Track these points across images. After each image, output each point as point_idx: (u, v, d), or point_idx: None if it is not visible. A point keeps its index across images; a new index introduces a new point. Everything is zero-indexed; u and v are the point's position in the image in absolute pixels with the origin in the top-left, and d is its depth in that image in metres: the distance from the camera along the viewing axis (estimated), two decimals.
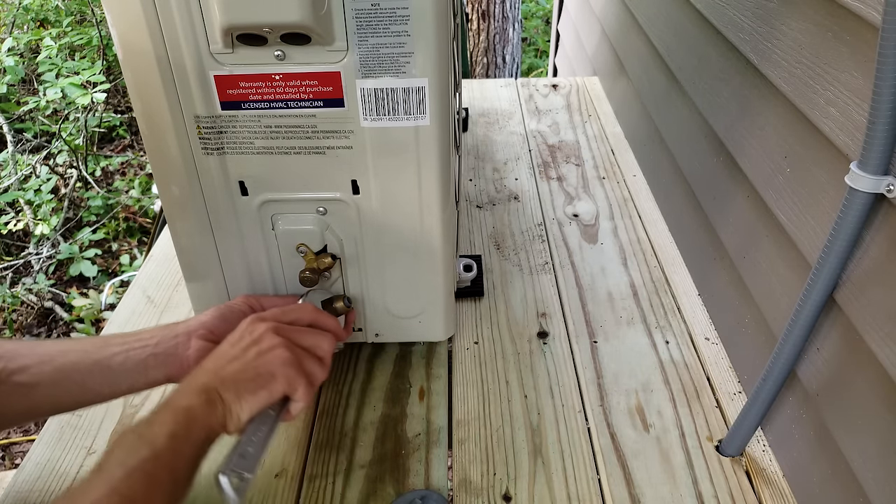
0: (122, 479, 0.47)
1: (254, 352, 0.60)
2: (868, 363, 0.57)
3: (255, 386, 0.58)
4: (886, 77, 0.48)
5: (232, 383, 0.57)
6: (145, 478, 0.48)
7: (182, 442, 0.52)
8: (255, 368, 0.59)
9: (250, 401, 0.57)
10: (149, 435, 0.50)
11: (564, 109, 1.54)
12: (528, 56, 4.53)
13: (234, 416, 0.56)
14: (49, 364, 0.60)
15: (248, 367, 0.59)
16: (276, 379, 0.59)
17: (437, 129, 0.64)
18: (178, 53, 0.58)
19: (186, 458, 0.51)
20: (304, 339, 0.64)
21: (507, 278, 1.01)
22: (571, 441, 0.76)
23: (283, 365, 0.60)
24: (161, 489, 0.48)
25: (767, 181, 0.76)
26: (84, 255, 2.62)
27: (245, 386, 0.57)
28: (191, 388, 0.56)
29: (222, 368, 0.59)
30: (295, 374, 0.60)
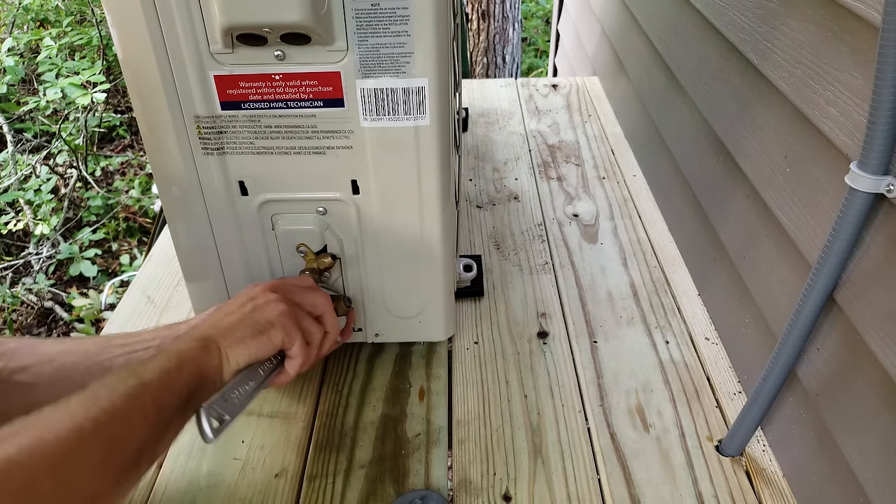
0: (106, 396, 0.46)
1: (251, 306, 0.61)
2: (868, 363, 0.57)
3: (252, 332, 0.59)
4: (886, 77, 0.48)
5: (228, 331, 0.58)
6: (129, 399, 0.47)
7: (173, 378, 0.51)
8: (252, 318, 0.60)
9: (248, 345, 0.58)
10: (139, 369, 0.50)
11: (564, 109, 1.54)
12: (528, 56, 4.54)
13: (231, 362, 0.57)
14: (50, 364, 0.60)
15: (245, 318, 0.60)
16: (274, 327, 0.60)
17: (437, 129, 0.64)
18: (178, 53, 0.58)
19: (176, 393, 0.51)
20: (301, 296, 0.65)
21: (507, 278, 1.01)
22: (571, 441, 0.76)
23: (280, 315, 0.61)
24: (144, 413, 0.48)
25: (767, 181, 0.76)
26: (84, 255, 2.62)
27: (242, 332, 0.58)
28: (187, 336, 0.57)
29: (220, 321, 0.59)
30: (291, 325, 0.61)
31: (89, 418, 0.44)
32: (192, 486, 0.70)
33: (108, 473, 0.44)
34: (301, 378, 0.84)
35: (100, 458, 0.43)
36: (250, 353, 0.58)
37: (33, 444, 0.40)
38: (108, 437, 0.44)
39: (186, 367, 0.53)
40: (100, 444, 0.44)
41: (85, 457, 0.42)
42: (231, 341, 0.57)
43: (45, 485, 0.39)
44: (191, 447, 0.75)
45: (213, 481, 0.71)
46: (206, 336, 0.57)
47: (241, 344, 0.58)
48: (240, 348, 0.57)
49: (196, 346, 0.55)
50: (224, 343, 0.57)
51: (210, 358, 0.55)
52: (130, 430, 0.46)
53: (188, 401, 0.52)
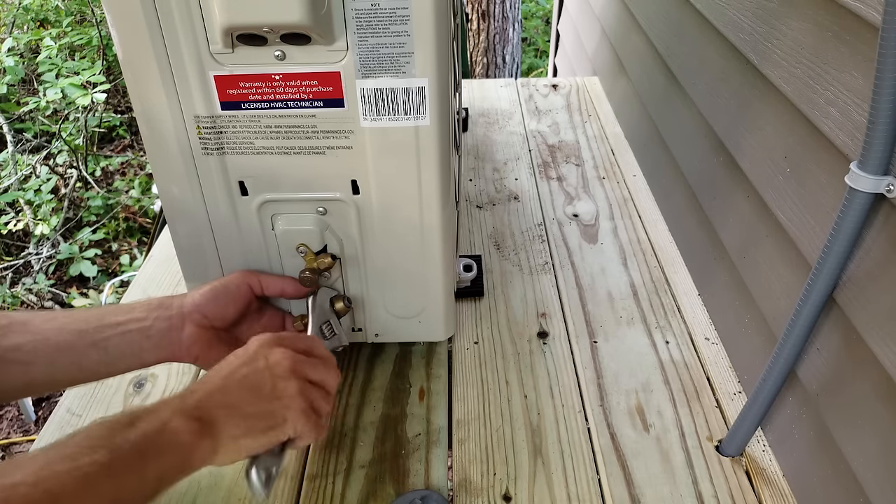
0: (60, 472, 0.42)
1: (269, 388, 0.56)
2: (868, 363, 0.57)
3: (262, 426, 0.55)
4: (886, 77, 0.48)
5: (241, 419, 0.54)
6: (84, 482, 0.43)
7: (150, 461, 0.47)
8: (268, 409, 0.56)
9: (255, 440, 0.55)
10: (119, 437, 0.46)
11: (564, 109, 1.54)
12: (528, 56, 4.54)
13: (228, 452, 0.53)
14: (44, 343, 0.58)
15: (258, 402, 0.55)
16: (287, 425, 0.56)
17: (437, 129, 0.64)
18: (178, 53, 0.58)
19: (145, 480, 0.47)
20: (316, 373, 0.60)
21: (507, 278, 1.01)
22: (571, 441, 0.76)
23: (297, 412, 0.57)
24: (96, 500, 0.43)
25: (767, 181, 0.76)
26: (84, 256, 2.62)
27: (251, 424, 0.54)
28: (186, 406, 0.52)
29: (228, 391, 0.55)
30: (305, 421, 0.57)
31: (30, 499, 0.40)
32: (192, 486, 0.70)
33: None
34: None
35: None
36: (256, 447, 0.55)
37: None
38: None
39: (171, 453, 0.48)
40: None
41: None
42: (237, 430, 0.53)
43: None
44: None
45: (213, 481, 0.71)
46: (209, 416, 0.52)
47: (247, 438, 0.54)
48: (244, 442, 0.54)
49: (192, 429, 0.50)
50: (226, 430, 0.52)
51: (200, 448, 0.51)
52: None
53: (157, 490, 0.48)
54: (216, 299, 0.66)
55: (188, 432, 0.50)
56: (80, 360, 0.60)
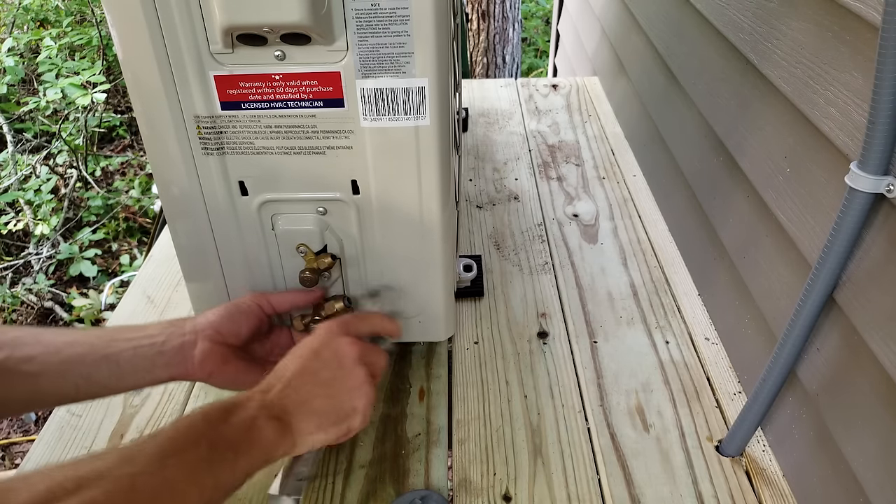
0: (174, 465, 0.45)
1: (339, 377, 0.59)
2: (868, 363, 0.57)
3: (335, 419, 0.58)
4: (886, 77, 0.48)
5: (313, 416, 0.56)
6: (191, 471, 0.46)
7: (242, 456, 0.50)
8: (338, 401, 0.58)
9: (327, 433, 0.57)
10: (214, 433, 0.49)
11: (564, 109, 1.54)
12: (528, 56, 4.54)
13: (304, 446, 0.56)
14: (55, 355, 0.59)
15: (331, 397, 0.58)
16: (356, 414, 0.59)
17: (437, 129, 0.64)
18: (178, 53, 0.58)
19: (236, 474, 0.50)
20: (373, 358, 0.63)
21: (507, 278, 1.01)
22: (571, 441, 0.76)
23: (366, 402, 0.59)
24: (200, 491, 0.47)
25: (767, 181, 0.76)
26: (84, 255, 2.62)
27: (324, 418, 0.57)
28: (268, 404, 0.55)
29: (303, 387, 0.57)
30: (370, 409, 0.60)
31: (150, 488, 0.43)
32: None
33: None
34: None
35: None
36: (328, 440, 0.57)
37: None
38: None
39: (256, 450, 0.52)
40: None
41: None
42: (311, 426, 0.56)
43: None
44: None
45: None
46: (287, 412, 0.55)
47: (320, 432, 0.57)
48: (317, 436, 0.56)
49: (275, 427, 0.53)
50: (302, 426, 0.55)
51: (283, 444, 0.54)
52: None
53: (243, 480, 0.51)
54: (230, 317, 0.67)
55: (272, 430, 0.53)
56: (91, 372, 0.60)
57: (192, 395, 0.81)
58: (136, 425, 0.77)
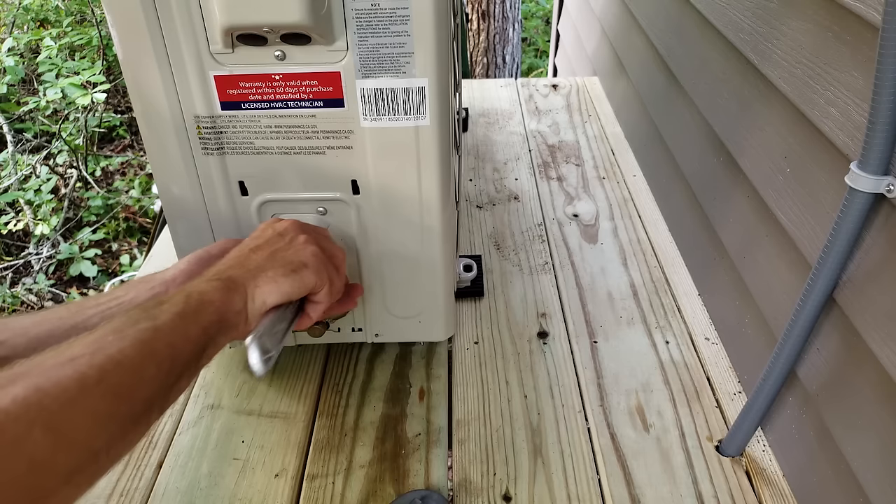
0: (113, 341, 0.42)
1: (282, 242, 0.58)
2: (868, 363, 0.57)
3: (286, 271, 0.56)
4: (886, 77, 0.48)
5: (259, 270, 0.54)
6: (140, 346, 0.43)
7: (189, 322, 0.47)
8: (284, 257, 0.57)
9: (280, 284, 0.55)
10: (153, 311, 0.46)
11: (564, 109, 1.54)
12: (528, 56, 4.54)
13: (257, 302, 0.53)
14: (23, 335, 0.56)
15: (276, 255, 0.56)
16: (308, 268, 0.57)
17: (437, 129, 0.64)
18: (178, 53, 0.58)
19: (192, 340, 0.47)
20: (324, 243, 0.62)
21: (507, 278, 1.01)
22: (571, 441, 0.76)
23: (314, 256, 0.58)
24: (157, 362, 0.44)
25: (767, 181, 0.76)
26: (84, 255, 2.62)
27: (275, 271, 0.55)
28: (208, 276, 0.53)
29: (246, 259, 0.56)
30: (323, 269, 0.58)
31: (94, 366, 0.40)
32: (192, 486, 0.70)
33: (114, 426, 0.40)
34: (301, 378, 0.84)
35: (104, 411, 0.40)
36: (282, 292, 0.55)
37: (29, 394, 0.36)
38: (114, 388, 0.40)
39: (206, 311, 0.49)
40: (105, 396, 0.40)
41: (87, 409, 0.39)
42: (262, 281, 0.54)
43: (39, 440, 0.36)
44: (191, 447, 0.75)
45: (213, 481, 0.71)
46: (231, 277, 0.53)
47: (273, 283, 0.54)
48: (271, 287, 0.54)
49: (218, 286, 0.51)
50: (252, 284, 0.53)
51: (233, 300, 0.51)
52: (140, 380, 0.42)
53: (205, 347, 0.48)
54: (199, 260, 0.64)
55: (214, 291, 0.51)
56: None
57: (192, 394, 0.81)
58: None
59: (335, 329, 0.80)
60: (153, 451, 0.74)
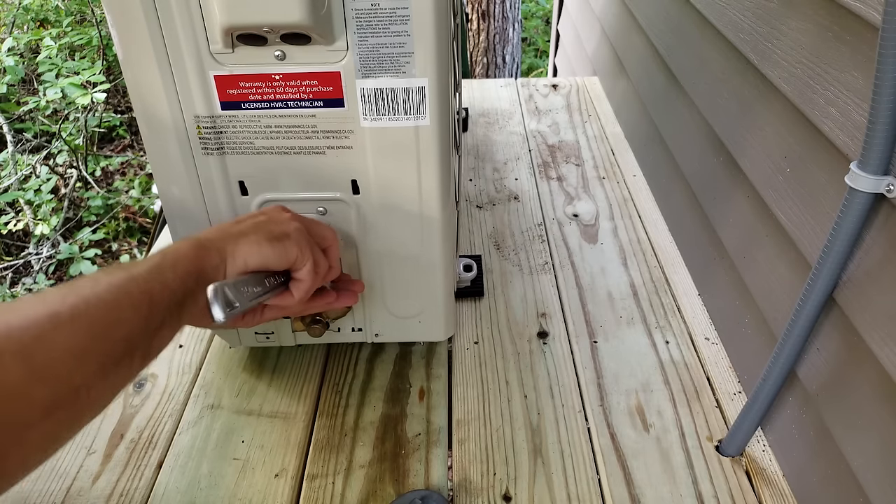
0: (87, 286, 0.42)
1: (264, 218, 0.58)
2: (868, 363, 0.57)
3: (268, 238, 0.56)
4: (886, 77, 0.48)
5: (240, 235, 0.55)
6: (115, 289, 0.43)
7: (165, 272, 0.48)
8: (267, 227, 0.57)
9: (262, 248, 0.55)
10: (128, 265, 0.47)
11: (564, 109, 1.54)
12: (528, 56, 4.54)
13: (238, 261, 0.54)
14: None
15: (259, 226, 0.57)
16: (290, 239, 0.57)
17: (437, 129, 0.64)
18: (178, 53, 0.58)
19: (169, 288, 0.47)
20: (311, 224, 0.62)
21: (507, 278, 1.01)
22: (571, 441, 0.76)
23: (296, 230, 0.58)
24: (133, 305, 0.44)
25: (767, 181, 0.76)
26: (84, 255, 2.62)
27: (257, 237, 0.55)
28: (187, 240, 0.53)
29: (227, 229, 0.56)
30: (306, 245, 0.59)
31: (66, 304, 0.40)
32: (192, 486, 0.70)
33: (91, 362, 0.41)
34: (301, 378, 0.84)
35: (79, 346, 0.40)
36: (263, 255, 0.55)
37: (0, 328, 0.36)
38: (88, 325, 0.41)
39: (181, 264, 0.49)
40: (79, 331, 0.40)
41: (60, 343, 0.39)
42: (242, 244, 0.54)
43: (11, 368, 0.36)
44: (191, 447, 0.75)
45: (213, 481, 0.71)
46: (208, 239, 0.53)
47: (255, 245, 0.55)
48: (251, 248, 0.54)
49: (193, 244, 0.52)
50: (232, 244, 0.54)
51: (209, 257, 0.52)
52: (116, 320, 0.43)
53: (183, 298, 0.49)
54: None
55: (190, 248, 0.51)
56: None
57: (191, 394, 0.81)
58: (136, 425, 0.77)
59: (335, 329, 0.80)
60: (153, 451, 0.74)
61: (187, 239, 0.53)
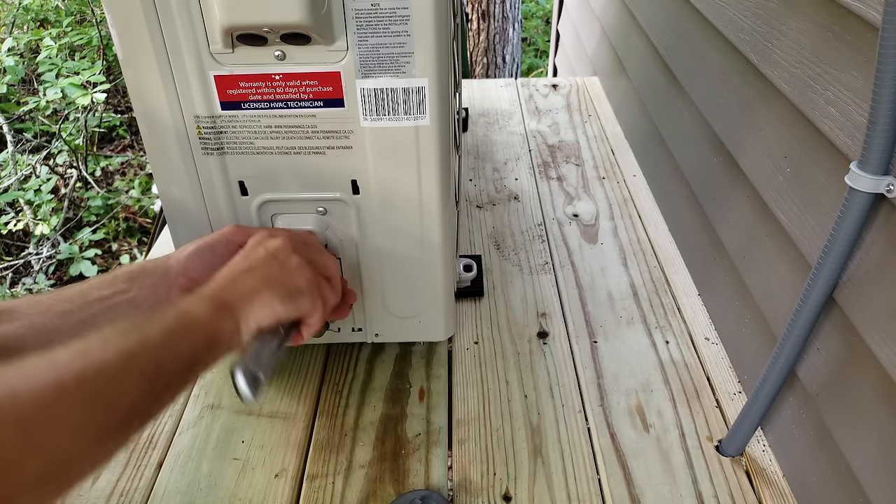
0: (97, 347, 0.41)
1: (275, 266, 0.57)
2: (868, 363, 0.57)
3: (281, 297, 0.56)
4: (886, 77, 0.48)
5: (253, 293, 0.54)
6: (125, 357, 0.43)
7: (178, 339, 0.47)
8: (280, 281, 0.57)
9: (276, 309, 0.55)
10: (142, 325, 0.46)
11: (564, 109, 1.54)
12: (528, 56, 4.54)
13: (251, 324, 0.53)
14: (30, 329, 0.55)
15: (272, 279, 0.56)
16: (303, 295, 0.57)
17: (437, 129, 0.64)
18: (178, 53, 0.58)
19: (180, 357, 0.47)
20: (316, 257, 0.62)
21: (507, 278, 1.01)
22: (571, 441, 0.76)
23: (309, 283, 0.58)
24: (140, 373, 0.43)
25: (767, 181, 0.76)
26: (84, 256, 2.62)
27: (270, 295, 0.55)
28: (201, 295, 0.52)
29: (240, 280, 0.55)
30: (318, 295, 0.59)
31: (74, 371, 0.39)
32: (192, 486, 0.70)
33: (89, 433, 0.40)
34: (301, 378, 0.84)
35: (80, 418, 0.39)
36: (277, 315, 0.55)
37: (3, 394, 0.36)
38: (92, 395, 0.40)
39: (195, 329, 0.49)
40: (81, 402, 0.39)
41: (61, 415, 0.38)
42: (256, 303, 0.54)
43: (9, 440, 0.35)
44: (191, 447, 0.75)
45: (213, 481, 0.71)
46: (224, 299, 0.52)
47: (269, 308, 0.54)
48: (265, 311, 0.54)
49: (209, 307, 0.51)
50: (246, 306, 0.53)
51: (224, 323, 0.51)
52: (121, 390, 0.42)
53: (193, 364, 0.48)
54: (202, 260, 0.62)
55: (205, 312, 0.50)
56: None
57: (192, 394, 0.81)
58: None
59: (335, 329, 0.80)
60: (153, 451, 0.74)
61: (203, 295, 0.52)
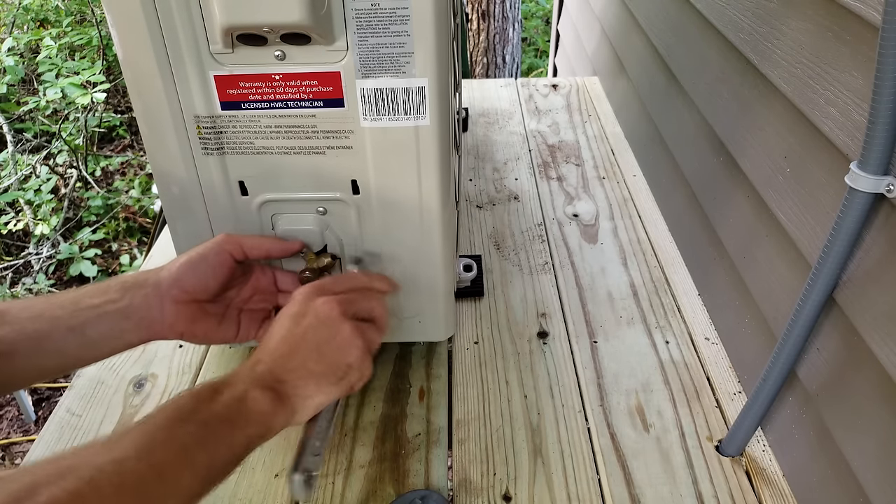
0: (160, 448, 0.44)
1: (326, 333, 0.57)
2: (868, 363, 0.57)
3: (334, 378, 0.56)
4: (886, 77, 0.48)
5: (306, 375, 0.55)
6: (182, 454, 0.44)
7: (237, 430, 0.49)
8: (331, 358, 0.57)
9: (328, 394, 0.55)
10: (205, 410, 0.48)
11: (564, 109, 1.54)
12: (528, 56, 4.54)
13: (304, 413, 0.54)
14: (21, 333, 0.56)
15: (323, 353, 0.56)
16: (352, 370, 0.57)
17: (437, 129, 0.64)
18: (178, 53, 0.58)
19: (234, 448, 0.48)
20: (363, 307, 0.61)
21: (507, 278, 1.01)
22: (571, 441, 0.76)
23: (359, 356, 0.58)
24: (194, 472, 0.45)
25: (767, 181, 0.76)
26: (84, 255, 2.62)
27: (321, 378, 0.55)
28: (258, 376, 0.53)
29: (292, 355, 0.55)
30: (367, 363, 0.58)
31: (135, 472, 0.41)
32: None
33: None
34: None
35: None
36: (329, 400, 0.56)
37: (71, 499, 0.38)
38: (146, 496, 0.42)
39: (253, 422, 0.50)
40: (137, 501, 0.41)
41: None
42: (311, 390, 0.54)
43: None
44: None
45: None
46: (279, 380, 0.53)
47: (324, 395, 0.55)
48: (321, 399, 0.55)
49: (271, 398, 0.52)
50: (301, 392, 0.54)
51: (281, 413, 0.52)
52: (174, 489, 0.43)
53: (243, 455, 0.49)
54: (194, 272, 0.62)
55: (266, 401, 0.51)
56: (61, 347, 0.58)
57: None
58: None
59: None
60: None
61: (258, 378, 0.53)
